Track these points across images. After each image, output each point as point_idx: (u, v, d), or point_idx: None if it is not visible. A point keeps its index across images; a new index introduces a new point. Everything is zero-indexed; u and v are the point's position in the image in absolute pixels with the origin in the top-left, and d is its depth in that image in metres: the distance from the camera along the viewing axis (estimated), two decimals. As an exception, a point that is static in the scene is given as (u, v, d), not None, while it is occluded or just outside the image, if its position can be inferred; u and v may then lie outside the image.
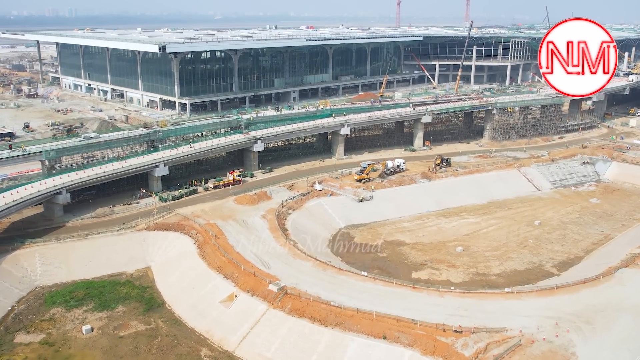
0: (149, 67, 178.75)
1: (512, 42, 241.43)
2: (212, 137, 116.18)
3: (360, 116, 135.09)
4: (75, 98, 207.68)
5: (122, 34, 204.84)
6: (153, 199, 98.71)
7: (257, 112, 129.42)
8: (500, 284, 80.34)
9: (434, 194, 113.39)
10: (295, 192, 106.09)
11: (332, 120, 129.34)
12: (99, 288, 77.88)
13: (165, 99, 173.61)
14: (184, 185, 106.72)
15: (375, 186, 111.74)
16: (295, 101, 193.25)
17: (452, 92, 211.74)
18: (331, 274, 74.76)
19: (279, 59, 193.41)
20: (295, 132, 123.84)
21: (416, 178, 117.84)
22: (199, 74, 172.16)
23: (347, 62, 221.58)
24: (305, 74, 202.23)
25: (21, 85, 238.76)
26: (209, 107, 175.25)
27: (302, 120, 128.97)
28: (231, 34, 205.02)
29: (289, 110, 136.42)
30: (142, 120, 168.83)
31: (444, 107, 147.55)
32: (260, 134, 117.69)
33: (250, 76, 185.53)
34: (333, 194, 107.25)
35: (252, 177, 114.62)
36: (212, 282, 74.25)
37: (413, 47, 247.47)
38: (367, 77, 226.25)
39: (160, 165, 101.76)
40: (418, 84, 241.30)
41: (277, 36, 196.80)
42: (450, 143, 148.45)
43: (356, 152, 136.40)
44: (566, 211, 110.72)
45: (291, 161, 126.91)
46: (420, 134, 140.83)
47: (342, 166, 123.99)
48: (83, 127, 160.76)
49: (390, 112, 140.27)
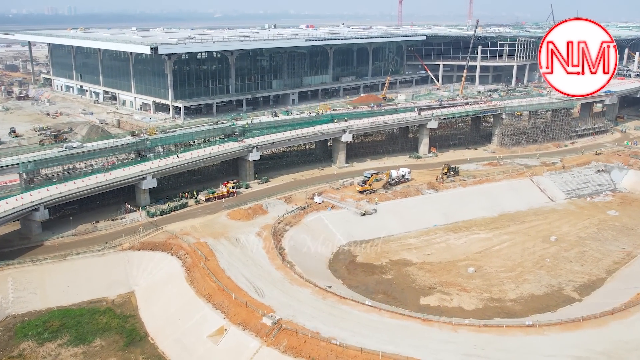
0: (141, 68, 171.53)
1: (518, 42, 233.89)
2: (204, 146, 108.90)
3: (362, 122, 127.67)
4: (67, 100, 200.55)
5: (114, 34, 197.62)
6: (140, 214, 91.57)
7: (253, 118, 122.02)
8: (517, 311, 73.18)
9: (441, 206, 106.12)
10: (293, 206, 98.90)
11: (332, 127, 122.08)
12: (77, 317, 70.74)
13: (159, 102, 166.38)
14: (173, 197, 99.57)
15: (379, 198, 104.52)
16: (295, 103, 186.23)
17: (457, 93, 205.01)
18: (332, 303, 67.54)
19: (277, 59, 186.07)
20: (294, 140, 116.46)
21: (422, 189, 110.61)
22: (193, 76, 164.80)
23: (348, 63, 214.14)
24: (305, 75, 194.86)
25: (12, 87, 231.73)
26: (204, 110, 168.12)
27: (301, 127, 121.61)
28: (228, 34, 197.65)
29: (287, 115, 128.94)
30: (134, 124, 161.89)
31: (450, 111, 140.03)
32: (256, 142, 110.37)
33: (248, 78, 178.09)
34: (334, 207, 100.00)
35: (248, 188, 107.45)
36: (200, 313, 67.06)
37: (416, 47, 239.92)
38: (369, 78, 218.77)
39: (148, 178, 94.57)
40: (421, 85, 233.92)
41: (275, 36, 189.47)
42: (457, 149, 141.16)
43: (358, 159, 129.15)
44: (583, 225, 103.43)
45: (289, 170, 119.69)
46: (426, 140, 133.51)
47: (344, 175, 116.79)
48: (72, 132, 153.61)
49: (394, 117, 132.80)
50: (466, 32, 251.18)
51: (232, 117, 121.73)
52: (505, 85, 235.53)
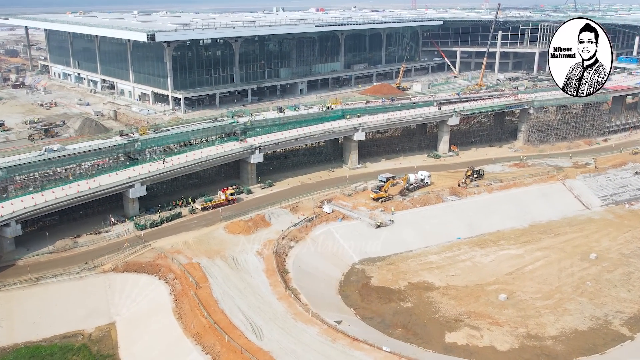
0: (140, 56, 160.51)
1: (540, 27, 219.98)
2: (201, 146, 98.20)
3: (376, 118, 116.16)
4: (64, 89, 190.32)
5: (113, 19, 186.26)
6: (126, 228, 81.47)
7: (256, 115, 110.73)
8: (560, 353, 62.48)
9: (465, 215, 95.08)
10: (299, 216, 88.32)
11: (343, 124, 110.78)
12: (47, 356, 60.96)
13: (158, 93, 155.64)
14: (166, 206, 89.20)
15: (396, 206, 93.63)
16: (303, 93, 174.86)
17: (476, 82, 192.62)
18: (343, 347, 57.08)
19: (285, 46, 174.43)
20: (301, 139, 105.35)
21: (444, 195, 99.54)
22: (195, 65, 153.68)
23: (360, 49, 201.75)
24: (315, 62, 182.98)
25: (9, 74, 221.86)
26: (207, 101, 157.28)
27: (309, 124, 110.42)
28: (233, 19, 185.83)
29: (294, 111, 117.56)
30: (131, 116, 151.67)
31: (473, 106, 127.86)
32: (258, 143, 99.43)
33: (253, 66, 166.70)
34: (345, 217, 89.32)
35: (250, 194, 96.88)
36: (188, 358, 56.90)
37: (432, 32, 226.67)
38: (382, 65, 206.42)
39: (137, 185, 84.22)
40: (437, 73, 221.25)
41: (283, 20, 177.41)
42: (479, 147, 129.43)
43: (372, 159, 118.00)
44: (625, 238, 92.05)
45: (296, 171, 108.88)
46: (446, 138, 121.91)
47: (356, 179, 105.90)
48: (64, 125, 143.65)
49: (412, 112, 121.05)
50: (485, 17, 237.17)
51: (233, 113, 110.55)
52: (526, 73, 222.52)
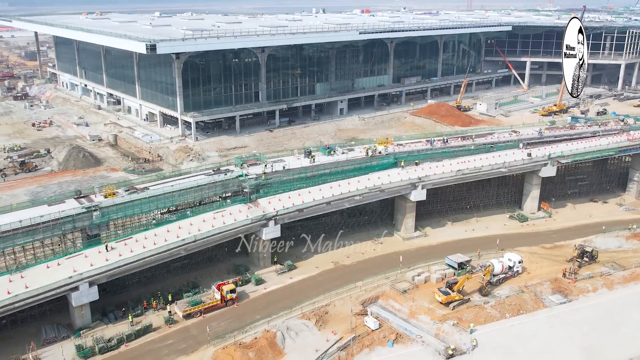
0: (147, 69, 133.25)
1: (628, 34, 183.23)
2: (193, 213, 68.75)
3: (442, 168, 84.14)
4: (67, 103, 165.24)
5: (123, 23, 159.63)
6: (65, 354, 52.90)
7: (273, 163, 79.82)
8: None
9: (579, 332, 62.74)
10: (329, 334, 57.97)
11: (396, 178, 79.32)
12: None
13: (167, 114, 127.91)
14: (131, 311, 60.07)
15: (475, 316, 62.18)
16: (344, 113, 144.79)
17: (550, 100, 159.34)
18: None
19: (322, 57, 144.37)
20: (335, 203, 74.26)
21: (543, 293, 67.44)
22: (210, 80, 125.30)
23: (412, 60, 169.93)
24: (357, 76, 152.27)
25: (17, 82, 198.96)
26: (225, 125, 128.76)
27: (348, 176, 79.76)
28: (262, 23, 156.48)
29: (327, 155, 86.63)
30: (133, 144, 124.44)
31: (575, 149, 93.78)
32: (274, 210, 69.26)
33: (283, 81, 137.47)
34: (399, 338, 58.44)
35: (259, 285, 67.04)
36: None
37: (498, 40, 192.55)
38: (438, 78, 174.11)
39: (82, 287, 55.37)
40: (502, 87, 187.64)
41: (321, 26, 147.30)
42: (577, 202, 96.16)
43: (433, 221, 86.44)
44: None
45: (327, 242, 78.33)
46: (535, 193, 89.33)
47: (413, 257, 74.90)
48: (48, 155, 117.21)
49: (491, 160, 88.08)
50: (559, 21, 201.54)
51: (242, 160, 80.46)
52: (609, 88, 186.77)
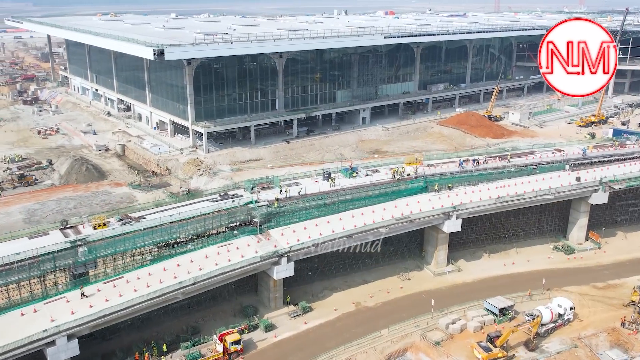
0: (158, 75, 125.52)
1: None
2: (195, 247, 60.12)
3: (478, 193, 73.94)
4: (77, 108, 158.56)
5: (135, 25, 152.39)
6: None
7: (287, 189, 70.46)
8: None
9: (647, 399, 52.90)
10: (349, 401, 48.83)
11: (428, 212, 68.88)
12: None
13: (178, 123, 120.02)
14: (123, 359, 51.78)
15: (521, 377, 52.56)
16: (366, 123, 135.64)
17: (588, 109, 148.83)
18: None
19: (343, 63, 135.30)
20: (357, 237, 64.53)
21: (600, 348, 57.45)
22: (224, 87, 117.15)
23: (439, 65, 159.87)
24: (381, 82, 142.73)
25: (30, 85, 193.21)
26: (240, 135, 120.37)
27: (372, 202, 70.34)
28: (280, 25, 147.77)
29: (349, 177, 77.16)
30: (141, 155, 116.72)
31: (630, 173, 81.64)
32: (288, 245, 60.16)
33: (302, 89, 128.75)
34: (432, 406, 49.09)
35: (269, 332, 58.10)
36: None
37: (530, 44, 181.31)
38: (467, 85, 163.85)
39: (60, 342, 47.01)
40: (534, 94, 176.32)
41: (342, 29, 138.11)
42: (628, 230, 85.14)
43: (466, 251, 76.50)
44: None
45: (348, 278, 69.21)
46: (583, 222, 78.85)
47: (445, 297, 65.27)
48: (50, 167, 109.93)
49: (532, 182, 77.83)
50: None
51: (253, 183, 71.43)
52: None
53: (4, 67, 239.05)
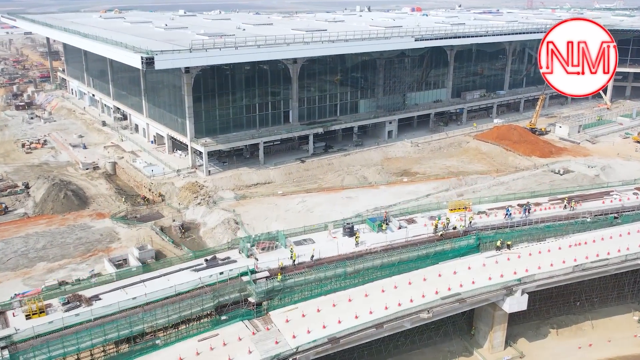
0: (154, 82, 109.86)
1: None
2: (164, 344, 43.95)
3: (549, 260, 56.12)
4: (72, 115, 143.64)
5: (134, 23, 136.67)
6: None
7: (293, 251, 53.09)
8: None
9: None
10: None
11: (483, 286, 51.28)
12: None
13: (177, 138, 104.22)
14: None
15: None
16: (393, 137, 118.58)
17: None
18: None
19: (368, 67, 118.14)
20: (390, 326, 47.14)
21: None
22: (228, 98, 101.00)
23: (474, 70, 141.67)
24: (409, 90, 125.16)
25: (28, 86, 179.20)
26: (247, 152, 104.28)
27: (406, 268, 53.31)
28: (296, 25, 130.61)
29: (377, 231, 59.56)
30: (132, 176, 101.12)
31: None
32: (293, 343, 43.52)
33: (319, 98, 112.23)
34: None
35: None
36: None
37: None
38: (505, 92, 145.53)
39: None
40: (579, 102, 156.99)
41: (366, 30, 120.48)
42: None
43: (527, 326, 59.31)
44: None
45: (376, 362, 52.66)
46: (680, 285, 61.22)
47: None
48: (25, 191, 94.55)
49: (615, 237, 60.15)
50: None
51: (252, 240, 54.28)
52: None
53: (6, 66, 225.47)
